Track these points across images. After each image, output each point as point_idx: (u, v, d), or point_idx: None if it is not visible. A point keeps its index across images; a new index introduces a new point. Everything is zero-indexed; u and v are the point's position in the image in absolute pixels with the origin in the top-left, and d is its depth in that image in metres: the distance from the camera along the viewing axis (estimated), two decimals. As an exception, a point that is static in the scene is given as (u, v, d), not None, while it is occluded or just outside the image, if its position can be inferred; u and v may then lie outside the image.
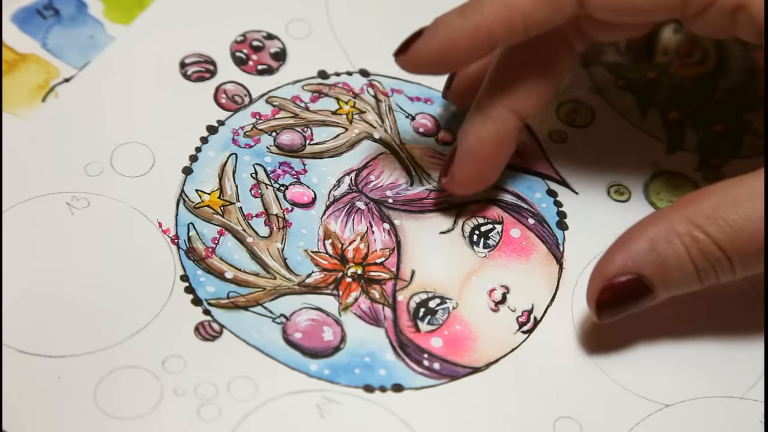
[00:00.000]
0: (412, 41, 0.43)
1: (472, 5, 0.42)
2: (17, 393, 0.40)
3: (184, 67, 0.49)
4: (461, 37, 0.42)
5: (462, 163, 0.44)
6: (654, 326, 0.44)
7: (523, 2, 0.41)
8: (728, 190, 0.41)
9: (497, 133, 0.44)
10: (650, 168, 0.49)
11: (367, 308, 0.43)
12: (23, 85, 0.48)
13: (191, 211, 0.45)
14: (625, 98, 0.51)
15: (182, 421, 0.40)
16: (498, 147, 0.44)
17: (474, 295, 0.44)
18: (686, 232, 0.40)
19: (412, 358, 0.42)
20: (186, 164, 0.46)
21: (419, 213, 0.46)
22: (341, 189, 0.46)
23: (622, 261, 0.41)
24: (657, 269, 0.41)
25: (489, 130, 0.44)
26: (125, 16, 0.50)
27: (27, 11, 0.50)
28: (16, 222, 0.43)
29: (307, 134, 0.48)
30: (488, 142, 0.44)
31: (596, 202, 0.48)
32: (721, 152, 0.50)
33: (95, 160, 0.45)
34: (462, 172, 0.45)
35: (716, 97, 0.51)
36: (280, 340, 0.42)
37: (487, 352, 0.43)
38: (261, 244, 0.44)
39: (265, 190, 0.46)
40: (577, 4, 0.42)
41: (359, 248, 0.45)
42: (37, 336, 0.41)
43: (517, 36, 0.42)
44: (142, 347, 0.41)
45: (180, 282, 0.43)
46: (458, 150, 0.45)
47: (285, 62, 0.50)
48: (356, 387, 0.41)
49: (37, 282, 0.42)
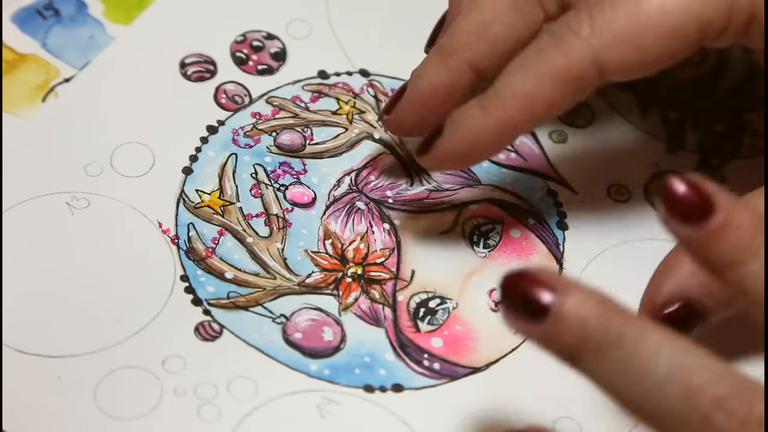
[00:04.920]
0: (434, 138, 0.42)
1: (492, 99, 0.40)
2: (17, 393, 0.40)
3: (184, 67, 0.49)
4: (485, 134, 0.41)
5: (408, 105, 0.43)
6: (654, 326, 0.44)
7: (546, 90, 0.40)
8: None
9: (450, 84, 0.42)
10: (650, 168, 0.49)
11: (367, 308, 0.43)
12: (23, 85, 0.47)
13: (191, 211, 0.45)
14: (626, 98, 0.51)
15: (182, 421, 0.40)
16: (447, 98, 0.42)
17: (474, 295, 0.44)
18: None
19: (412, 358, 0.42)
20: (186, 164, 0.46)
21: (419, 213, 0.46)
22: (341, 189, 0.46)
23: (668, 290, 0.41)
24: (704, 290, 0.40)
25: (443, 79, 0.42)
26: (125, 16, 0.50)
27: (27, 11, 0.50)
28: (16, 222, 0.43)
29: (307, 134, 0.48)
30: (440, 90, 0.42)
31: (596, 202, 0.48)
32: (721, 152, 0.50)
33: (95, 160, 0.45)
34: (405, 114, 0.43)
35: (716, 97, 0.51)
36: (280, 340, 0.42)
37: (487, 352, 0.43)
38: (261, 244, 0.44)
39: (265, 190, 0.46)
40: (599, 77, 0.40)
41: (359, 248, 0.45)
42: (37, 336, 0.41)
43: (541, 122, 0.41)
44: (142, 347, 0.41)
45: (180, 282, 0.43)
46: (408, 90, 0.43)
47: (285, 62, 0.50)
48: (356, 387, 0.41)
49: (37, 282, 0.42)
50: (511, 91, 0.40)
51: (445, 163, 0.43)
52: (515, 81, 0.40)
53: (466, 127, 0.41)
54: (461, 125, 0.41)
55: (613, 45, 0.40)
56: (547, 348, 0.34)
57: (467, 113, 0.41)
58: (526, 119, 0.40)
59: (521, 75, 0.40)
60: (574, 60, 0.40)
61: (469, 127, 0.41)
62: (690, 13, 0.39)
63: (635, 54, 0.40)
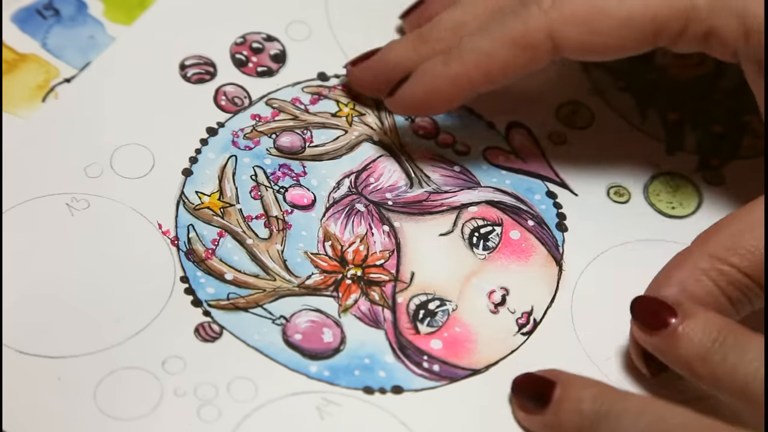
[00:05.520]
0: (400, 84, 0.45)
1: (453, 54, 0.44)
2: (17, 393, 0.40)
3: (184, 69, 0.49)
4: (443, 85, 0.44)
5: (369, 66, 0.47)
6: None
7: (502, 53, 0.43)
8: (742, 218, 0.41)
9: (412, 67, 0.45)
10: (650, 169, 0.49)
11: (367, 310, 0.43)
12: (23, 85, 0.48)
13: (191, 213, 0.45)
14: (625, 99, 0.51)
15: (182, 421, 0.40)
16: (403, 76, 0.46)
17: (473, 297, 0.44)
18: (711, 267, 0.41)
19: (411, 360, 0.42)
20: (186, 166, 0.46)
21: (419, 215, 0.46)
22: (341, 191, 0.46)
23: (669, 294, 0.41)
24: (706, 295, 0.41)
25: (408, 61, 0.46)
26: (126, 16, 0.50)
27: (27, 11, 0.50)
28: (16, 223, 0.43)
29: (307, 136, 0.48)
30: (400, 68, 0.46)
31: (596, 204, 0.48)
32: (721, 153, 0.50)
33: (95, 162, 0.45)
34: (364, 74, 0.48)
35: (716, 98, 0.51)
36: (279, 342, 0.42)
37: (486, 354, 0.43)
38: (261, 246, 0.44)
39: (265, 192, 0.46)
40: (553, 50, 0.43)
41: (359, 250, 0.45)
42: (37, 336, 0.41)
43: (496, 83, 0.44)
44: (142, 348, 0.41)
45: (180, 283, 0.43)
46: (376, 56, 0.47)
47: (285, 64, 0.50)
48: (356, 389, 0.41)
49: (37, 283, 0.42)
50: (470, 48, 0.44)
51: (408, 108, 0.46)
52: (476, 40, 0.44)
53: (428, 76, 0.45)
54: (424, 74, 0.45)
55: (569, 21, 0.43)
56: None
57: (430, 64, 0.45)
58: (481, 77, 0.44)
59: (482, 35, 0.44)
60: (531, 28, 0.43)
61: (430, 77, 0.45)
62: (647, 9, 0.42)
63: (589, 35, 0.43)
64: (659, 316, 0.40)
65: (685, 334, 0.39)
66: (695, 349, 0.39)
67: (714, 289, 0.41)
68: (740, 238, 0.41)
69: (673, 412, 0.38)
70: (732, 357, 0.38)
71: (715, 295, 0.41)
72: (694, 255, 0.41)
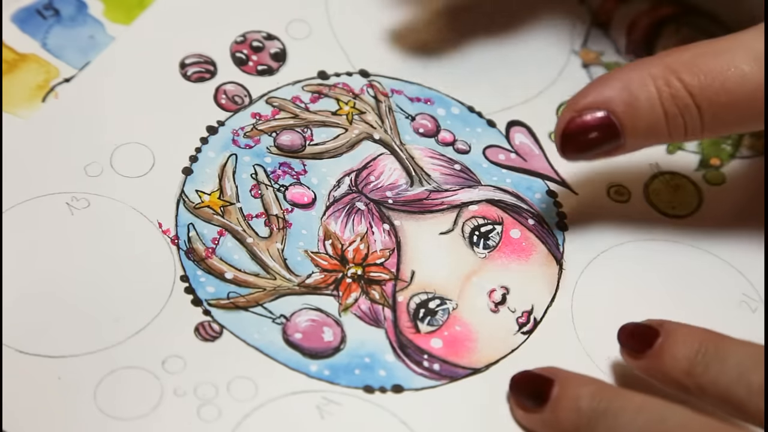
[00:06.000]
0: None
1: None
2: (17, 393, 0.40)
3: (184, 68, 0.49)
4: None
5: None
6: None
7: None
8: (712, 43, 0.41)
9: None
10: (650, 169, 0.49)
11: (367, 309, 0.43)
12: (23, 85, 0.48)
13: (191, 212, 0.45)
14: (625, 99, 0.51)
15: (182, 421, 0.40)
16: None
17: (474, 296, 0.44)
18: (661, 76, 0.41)
19: (412, 359, 0.42)
20: (186, 165, 0.46)
21: (419, 213, 0.46)
22: (341, 189, 0.46)
23: (594, 96, 0.41)
24: (627, 108, 0.41)
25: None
26: (125, 16, 0.50)
27: (27, 11, 0.50)
28: (16, 222, 0.43)
29: (307, 135, 0.48)
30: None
31: (596, 203, 0.48)
32: (721, 152, 0.50)
33: (95, 161, 0.45)
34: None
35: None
36: (280, 341, 0.42)
37: (486, 353, 0.43)
38: (261, 245, 0.44)
39: (265, 191, 0.46)
40: None
41: (359, 249, 0.45)
42: (37, 336, 0.41)
43: None
44: (142, 347, 0.41)
45: (180, 282, 0.43)
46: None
47: (285, 63, 0.50)
48: (356, 388, 0.41)
49: (37, 282, 0.42)
50: None
51: None
52: None
53: None
54: None
55: None
56: None
57: None
58: None
59: None
60: None
61: None
62: None
63: None
64: (644, 339, 0.40)
65: (668, 350, 0.39)
66: (679, 364, 0.39)
67: (655, 97, 0.41)
68: (701, 58, 0.41)
69: (672, 411, 0.38)
70: (714, 366, 0.39)
71: (652, 104, 0.41)
72: (652, 61, 0.41)
